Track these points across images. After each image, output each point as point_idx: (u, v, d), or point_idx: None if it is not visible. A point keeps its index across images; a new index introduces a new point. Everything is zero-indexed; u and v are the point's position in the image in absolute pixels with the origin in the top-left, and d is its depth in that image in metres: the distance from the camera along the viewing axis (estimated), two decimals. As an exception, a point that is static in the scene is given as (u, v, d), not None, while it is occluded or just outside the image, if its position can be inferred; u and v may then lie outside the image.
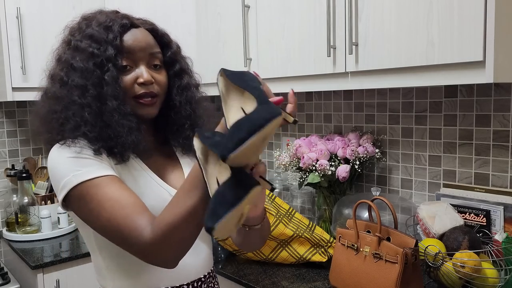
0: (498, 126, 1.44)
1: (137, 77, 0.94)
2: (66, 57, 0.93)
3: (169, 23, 2.03)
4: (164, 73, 1.00)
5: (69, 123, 0.89)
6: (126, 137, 0.90)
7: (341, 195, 1.76)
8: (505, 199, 1.37)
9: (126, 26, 0.95)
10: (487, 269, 1.23)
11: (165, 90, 1.00)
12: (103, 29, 0.93)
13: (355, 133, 1.75)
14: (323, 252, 1.58)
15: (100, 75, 0.90)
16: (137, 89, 0.94)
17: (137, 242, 0.79)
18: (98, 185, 0.84)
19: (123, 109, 0.91)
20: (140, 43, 0.95)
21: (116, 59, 0.92)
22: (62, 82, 0.92)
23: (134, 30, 0.96)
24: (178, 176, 1.02)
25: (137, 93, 0.94)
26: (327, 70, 1.45)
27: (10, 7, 1.90)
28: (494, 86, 1.43)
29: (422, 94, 1.61)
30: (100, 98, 0.90)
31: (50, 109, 0.92)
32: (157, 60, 0.98)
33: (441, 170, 1.59)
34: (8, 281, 1.94)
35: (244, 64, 1.73)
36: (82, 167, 0.86)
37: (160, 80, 0.97)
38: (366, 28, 1.33)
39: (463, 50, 1.12)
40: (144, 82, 0.93)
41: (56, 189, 0.88)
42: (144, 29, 0.98)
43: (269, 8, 1.64)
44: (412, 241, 1.21)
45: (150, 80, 0.94)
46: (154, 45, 0.98)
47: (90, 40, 0.92)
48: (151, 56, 0.96)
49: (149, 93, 0.95)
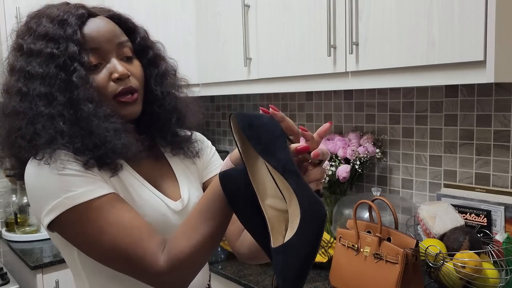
0: (499, 126, 1.43)
1: (110, 73, 0.83)
2: (20, 64, 0.79)
3: (169, 22, 2.04)
4: (138, 63, 0.89)
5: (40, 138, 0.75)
6: (115, 141, 0.78)
7: (342, 195, 1.75)
8: (506, 199, 1.37)
9: (84, 16, 0.82)
10: (488, 270, 1.22)
11: (143, 83, 0.89)
12: (57, 24, 0.80)
13: (356, 133, 1.75)
14: (323, 253, 1.58)
15: (66, 78, 0.78)
16: (114, 86, 0.83)
17: (150, 271, 0.73)
18: (98, 208, 0.74)
19: (101, 111, 0.79)
20: (105, 33, 0.83)
21: (81, 56, 0.79)
22: (21, 94, 0.78)
23: (93, 20, 0.83)
24: (172, 184, 0.94)
25: (115, 91, 0.83)
26: (328, 69, 1.45)
27: (9, 7, 1.90)
28: (495, 86, 1.43)
29: (423, 94, 1.61)
30: (71, 104, 0.77)
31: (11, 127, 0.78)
32: (127, 50, 0.86)
33: (441, 170, 1.59)
34: (8, 281, 1.93)
35: (244, 63, 1.72)
36: (75, 186, 0.74)
37: (135, 72, 0.87)
38: (366, 27, 1.32)
39: (464, 49, 1.11)
40: (120, 76, 0.82)
41: (39, 210, 0.76)
42: (104, 17, 0.86)
43: (269, 7, 1.64)
44: (413, 242, 1.21)
45: (126, 73, 0.83)
46: (120, 33, 0.86)
47: (44, 40, 0.79)
48: (120, 46, 0.85)
49: (128, 89, 0.84)
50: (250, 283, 1.48)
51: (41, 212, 0.76)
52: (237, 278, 1.53)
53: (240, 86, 1.83)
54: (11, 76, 0.81)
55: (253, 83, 1.76)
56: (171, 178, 0.96)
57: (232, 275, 1.55)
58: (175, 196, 0.93)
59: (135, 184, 0.86)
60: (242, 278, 1.52)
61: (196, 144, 1.01)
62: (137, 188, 0.86)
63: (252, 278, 1.52)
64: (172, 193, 0.93)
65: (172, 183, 0.95)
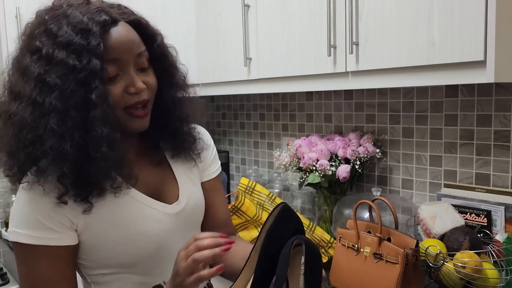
0: (499, 126, 1.43)
1: (126, 86, 0.80)
2: (37, 71, 0.74)
3: (169, 22, 2.04)
4: (152, 73, 0.87)
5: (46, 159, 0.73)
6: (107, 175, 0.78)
7: (342, 195, 1.75)
8: (506, 199, 1.37)
9: (107, 24, 0.77)
10: (488, 270, 1.22)
11: (155, 93, 0.87)
12: (80, 33, 0.74)
13: (356, 133, 1.75)
14: (323, 253, 1.58)
15: (84, 96, 0.73)
16: (128, 99, 0.80)
17: None
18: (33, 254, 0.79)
19: (113, 137, 0.76)
20: (126, 44, 0.79)
21: (103, 71, 0.75)
22: (34, 105, 0.73)
23: (116, 29, 0.78)
24: (172, 187, 0.95)
25: (128, 103, 0.81)
26: (328, 69, 1.45)
27: (9, 7, 1.90)
28: (495, 85, 1.43)
29: (423, 94, 1.61)
30: (84, 124, 0.73)
31: (19, 138, 0.74)
32: (144, 61, 0.83)
33: (442, 170, 1.59)
34: (8, 281, 1.94)
35: (244, 63, 1.72)
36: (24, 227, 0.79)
37: (150, 84, 0.84)
38: (366, 27, 1.32)
39: (464, 49, 1.11)
40: (136, 91, 0.80)
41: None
42: (125, 23, 0.82)
43: (269, 7, 1.64)
44: (413, 242, 1.21)
45: (143, 88, 0.81)
46: (140, 43, 0.83)
47: (66, 49, 0.73)
48: (138, 57, 0.82)
49: (141, 102, 0.82)
50: (250, 283, 1.48)
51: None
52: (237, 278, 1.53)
53: (240, 86, 1.83)
54: (22, 79, 0.76)
55: (253, 83, 1.76)
56: (172, 180, 0.96)
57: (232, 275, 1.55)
58: (173, 198, 0.93)
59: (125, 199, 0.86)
60: (242, 278, 1.52)
61: (199, 143, 1.01)
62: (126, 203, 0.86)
63: (252, 278, 1.52)
64: (171, 196, 0.94)
65: (172, 186, 0.95)
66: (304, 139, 1.75)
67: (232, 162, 2.51)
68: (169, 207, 0.91)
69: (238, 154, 2.47)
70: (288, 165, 1.75)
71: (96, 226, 0.84)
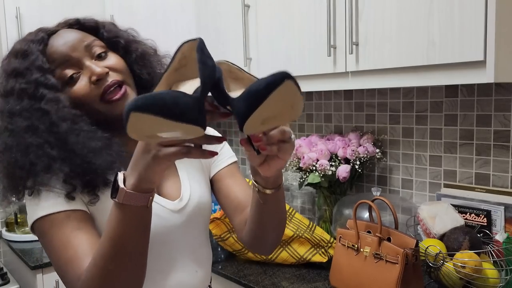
0: (498, 126, 1.43)
1: (90, 77, 0.83)
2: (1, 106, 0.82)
3: (169, 23, 2.04)
4: (114, 56, 0.88)
5: (37, 165, 0.80)
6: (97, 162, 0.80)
7: (342, 195, 1.75)
8: (506, 199, 1.37)
9: (44, 39, 0.84)
10: (488, 270, 1.22)
11: (129, 73, 0.88)
12: (21, 57, 0.82)
13: (356, 133, 1.75)
14: (323, 253, 1.58)
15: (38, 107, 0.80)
16: (96, 89, 0.83)
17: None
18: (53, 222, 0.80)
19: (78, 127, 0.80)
20: (68, 43, 0.83)
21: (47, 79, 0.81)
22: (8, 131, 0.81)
23: (53, 37, 0.85)
24: (174, 183, 0.94)
25: (99, 92, 0.83)
26: (328, 69, 1.45)
27: (9, 7, 1.90)
28: (495, 85, 1.43)
29: (423, 94, 1.61)
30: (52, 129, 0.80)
31: (9, 161, 0.81)
32: (98, 48, 0.86)
33: (441, 170, 1.59)
34: (8, 281, 1.94)
35: (244, 63, 1.72)
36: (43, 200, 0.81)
37: (114, 65, 0.86)
38: (366, 27, 1.32)
39: (464, 49, 1.11)
40: (98, 77, 0.82)
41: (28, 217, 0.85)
42: (64, 29, 0.88)
43: (269, 7, 1.64)
44: (413, 242, 1.21)
45: (102, 72, 0.82)
46: (84, 36, 0.86)
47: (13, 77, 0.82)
48: (88, 48, 0.84)
49: (110, 85, 0.83)
50: (250, 283, 1.48)
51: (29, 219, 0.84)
52: (237, 278, 1.53)
53: (240, 86, 1.83)
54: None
55: (253, 83, 1.76)
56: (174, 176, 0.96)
57: (232, 275, 1.55)
58: (176, 195, 0.93)
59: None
60: (242, 278, 1.52)
61: None
62: None
63: (252, 278, 1.52)
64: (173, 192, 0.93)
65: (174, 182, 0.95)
66: (304, 139, 1.75)
67: (232, 162, 2.51)
68: (171, 204, 0.91)
69: (238, 154, 2.47)
70: (288, 165, 1.75)
71: (99, 220, 0.85)
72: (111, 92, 0.83)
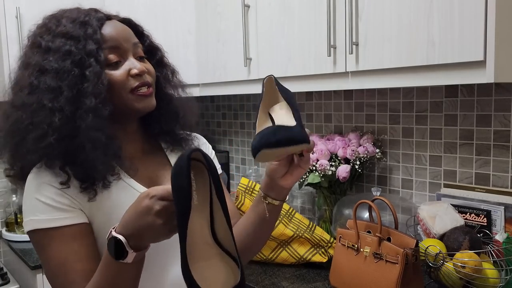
0: (498, 126, 1.43)
1: (129, 69, 0.88)
2: (36, 60, 0.83)
3: (169, 22, 2.04)
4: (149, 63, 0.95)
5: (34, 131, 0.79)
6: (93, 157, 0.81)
7: (342, 195, 1.75)
8: (506, 199, 1.37)
9: (103, 19, 0.89)
10: (488, 270, 1.22)
11: (155, 81, 0.95)
12: (78, 24, 0.85)
13: (356, 133, 1.75)
14: (323, 253, 1.58)
15: (79, 74, 0.81)
16: (132, 81, 0.87)
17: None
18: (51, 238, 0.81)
19: (100, 111, 0.82)
20: (123, 33, 0.89)
21: (99, 53, 0.84)
22: (31, 88, 0.81)
23: (111, 22, 0.89)
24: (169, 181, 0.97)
25: (132, 86, 0.87)
26: (328, 70, 1.45)
27: (9, 7, 1.89)
28: (495, 86, 1.43)
29: (423, 94, 1.61)
30: (75, 100, 0.81)
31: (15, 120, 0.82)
32: (141, 51, 0.92)
33: (441, 170, 1.59)
34: (8, 281, 1.94)
35: (244, 63, 1.72)
36: (40, 212, 0.82)
37: (150, 70, 0.92)
38: (366, 27, 1.32)
39: (464, 49, 1.11)
40: (139, 72, 0.87)
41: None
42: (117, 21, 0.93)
43: (269, 7, 1.64)
44: (413, 242, 1.21)
45: (144, 69, 0.89)
46: (134, 35, 0.93)
47: (64, 38, 0.83)
48: (135, 46, 0.91)
49: (144, 83, 0.89)
50: (250, 283, 1.48)
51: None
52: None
53: (240, 86, 1.83)
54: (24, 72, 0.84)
55: (253, 83, 1.76)
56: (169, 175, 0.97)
57: (232, 275, 1.55)
58: None
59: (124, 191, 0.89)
60: (242, 278, 1.52)
61: (194, 141, 1.05)
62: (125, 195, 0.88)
63: (252, 278, 1.52)
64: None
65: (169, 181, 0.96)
66: (304, 139, 1.75)
67: (232, 162, 2.51)
68: None
69: (238, 154, 2.47)
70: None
71: (98, 217, 0.86)
72: (142, 88, 0.89)
